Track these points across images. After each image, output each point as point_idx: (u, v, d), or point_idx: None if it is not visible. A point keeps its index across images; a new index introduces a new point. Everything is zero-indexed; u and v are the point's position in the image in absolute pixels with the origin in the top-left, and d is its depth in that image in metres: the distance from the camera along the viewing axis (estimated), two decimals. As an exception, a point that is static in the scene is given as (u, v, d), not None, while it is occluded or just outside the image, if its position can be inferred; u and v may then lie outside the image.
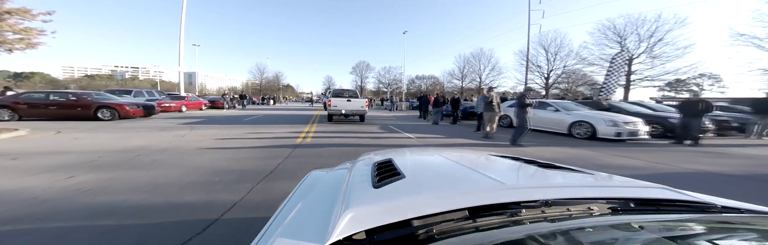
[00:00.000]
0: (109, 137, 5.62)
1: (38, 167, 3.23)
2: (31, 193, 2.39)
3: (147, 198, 2.34)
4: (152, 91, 15.45)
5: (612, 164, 4.06)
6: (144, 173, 3.06)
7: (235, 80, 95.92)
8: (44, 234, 1.72)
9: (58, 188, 2.54)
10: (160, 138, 5.65)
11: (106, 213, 2.01)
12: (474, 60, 35.66)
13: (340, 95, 11.03)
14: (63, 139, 5.32)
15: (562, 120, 7.00)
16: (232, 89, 62.14)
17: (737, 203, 0.74)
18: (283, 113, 15.51)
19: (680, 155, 4.94)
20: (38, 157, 3.75)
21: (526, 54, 26.28)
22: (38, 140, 5.13)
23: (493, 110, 6.39)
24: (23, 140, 5.12)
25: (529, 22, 19.65)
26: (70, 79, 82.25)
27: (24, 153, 3.95)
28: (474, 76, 36.13)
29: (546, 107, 7.46)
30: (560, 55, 24.66)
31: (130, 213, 2.03)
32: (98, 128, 7.22)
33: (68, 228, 1.79)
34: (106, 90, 14.29)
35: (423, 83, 49.80)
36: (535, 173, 0.93)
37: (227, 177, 2.95)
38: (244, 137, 6.19)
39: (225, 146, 4.85)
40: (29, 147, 4.43)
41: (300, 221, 0.64)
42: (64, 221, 1.88)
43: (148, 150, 4.34)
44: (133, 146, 4.64)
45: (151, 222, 1.90)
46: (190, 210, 2.10)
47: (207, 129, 7.37)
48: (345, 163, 1.29)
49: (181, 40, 17.15)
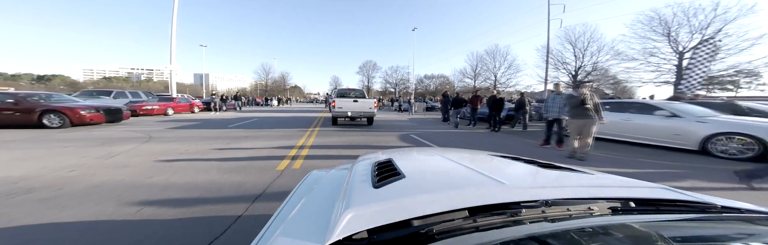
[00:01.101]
0: (6, 158, 3.52)
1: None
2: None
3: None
4: (139, 92, 13.49)
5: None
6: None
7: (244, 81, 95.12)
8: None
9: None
10: (77, 159, 3.61)
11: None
12: (488, 57, 32.95)
13: (346, 95, 9.70)
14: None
15: (686, 130, 4.46)
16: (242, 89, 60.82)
17: (737, 203, 0.71)
18: (283, 116, 13.33)
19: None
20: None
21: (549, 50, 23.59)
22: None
23: (588, 116, 3.93)
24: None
25: (548, 17, 17.04)
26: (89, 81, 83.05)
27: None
28: (488, 74, 33.41)
29: (652, 111, 4.92)
30: (590, 50, 21.76)
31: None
32: (23, 139, 5.11)
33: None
34: (82, 91, 12.37)
35: (432, 82, 47.34)
36: (535, 173, 0.89)
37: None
38: (206, 156, 3.97)
39: (150, 182, 2.66)
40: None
41: (300, 221, 0.63)
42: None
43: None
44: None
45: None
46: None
47: (166, 142, 5.17)
48: (345, 163, 1.26)
49: (173, 38, 15.18)
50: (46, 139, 5.27)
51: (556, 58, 23.27)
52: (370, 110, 8.28)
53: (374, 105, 8.40)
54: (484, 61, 33.43)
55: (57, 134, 5.92)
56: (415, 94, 34.99)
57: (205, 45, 36.92)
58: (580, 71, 22.32)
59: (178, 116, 12.15)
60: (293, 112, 17.61)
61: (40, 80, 73.33)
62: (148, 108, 11.24)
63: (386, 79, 47.48)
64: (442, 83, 45.50)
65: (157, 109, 11.49)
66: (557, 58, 23.25)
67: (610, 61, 20.04)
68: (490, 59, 32.66)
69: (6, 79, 64.21)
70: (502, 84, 31.26)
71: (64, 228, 1.75)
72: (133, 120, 9.57)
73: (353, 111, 8.20)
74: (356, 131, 7.41)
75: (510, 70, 31.09)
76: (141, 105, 11.20)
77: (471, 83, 35.86)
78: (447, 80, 44.60)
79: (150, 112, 11.28)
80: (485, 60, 33.33)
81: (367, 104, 8.30)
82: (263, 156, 4.08)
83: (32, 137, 5.53)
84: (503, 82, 31.45)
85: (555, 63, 23.22)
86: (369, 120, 9.03)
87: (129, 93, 12.89)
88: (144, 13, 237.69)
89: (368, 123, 9.12)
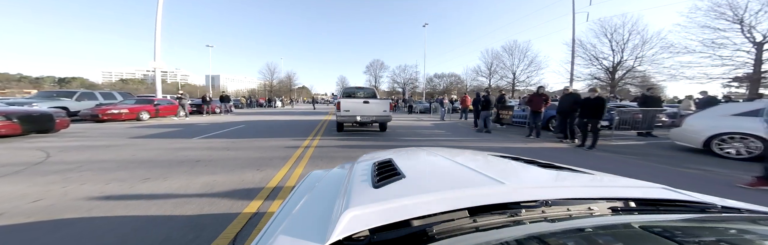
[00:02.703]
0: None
1: None
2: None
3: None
4: (113, 92, 11.26)
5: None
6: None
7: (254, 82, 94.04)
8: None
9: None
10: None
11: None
12: (505, 54, 29.87)
13: (353, 94, 7.99)
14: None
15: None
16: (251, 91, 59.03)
17: (737, 203, 0.69)
18: (280, 119, 10.90)
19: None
20: None
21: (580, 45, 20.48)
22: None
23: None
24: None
25: (573, 10, 14.06)
26: (108, 83, 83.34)
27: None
28: (504, 72, 30.36)
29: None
30: (632, 43, 18.55)
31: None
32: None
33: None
34: (39, 92, 10.19)
35: (442, 81, 44.39)
36: (535, 173, 0.86)
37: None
38: (87, 213, 1.43)
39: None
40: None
41: (300, 220, 0.61)
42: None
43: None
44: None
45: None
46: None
47: (43, 174, 2.76)
48: (345, 163, 1.21)
49: (157, 34, 12.91)
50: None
51: (589, 53, 20.16)
52: (384, 114, 6.57)
53: (390, 107, 6.68)
54: (501, 58, 30.41)
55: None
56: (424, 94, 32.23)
57: (211, 45, 35.23)
58: (619, 67, 19.14)
59: (154, 121, 9.81)
60: (295, 114, 15.16)
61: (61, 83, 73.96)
62: (114, 112, 8.92)
63: (394, 78, 44.82)
64: (452, 82, 42.60)
65: (126, 113, 9.17)
66: (590, 53, 20.13)
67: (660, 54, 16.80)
68: (508, 56, 29.61)
69: (31, 82, 64.63)
70: (521, 82, 28.20)
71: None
72: (81, 128, 7.22)
73: (363, 115, 6.46)
74: (368, 143, 4.81)
75: (531, 67, 27.99)
76: (104, 109, 8.90)
77: (485, 82, 32.92)
78: (458, 78, 41.66)
79: (116, 117, 8.97)
80: (501, 57, 30.31)
81: (381, 105, 6.54)
82: (203, 214, 1.56)
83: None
84: (523, 80, 28.40)
85: (589, 58, 20.12)
86: (382, 126, 7.19)
87: (100, 94, 10.66)
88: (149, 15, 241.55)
89: (381, 129, 7.27)
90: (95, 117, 8.72)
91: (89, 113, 8.76)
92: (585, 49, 20.31)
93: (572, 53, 14.95)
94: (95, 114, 8.70)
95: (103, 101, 10.41)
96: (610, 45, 19.46)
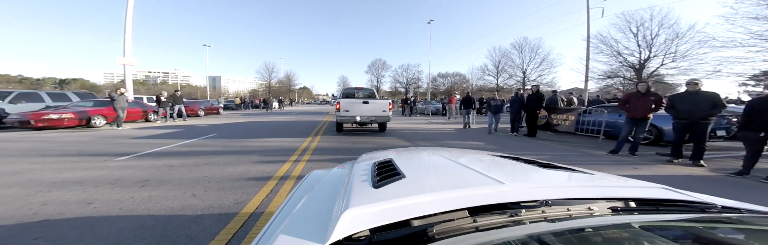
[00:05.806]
0: None
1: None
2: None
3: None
4: (66, 93, 9.08)
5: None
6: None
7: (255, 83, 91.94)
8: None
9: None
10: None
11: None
12: (515, 51, 27.68)
13: (353, 95, 7.95)
14: None
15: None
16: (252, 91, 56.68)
17: (737, 203, 0.67)
18: (274, 120, 8.77)
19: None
20: None
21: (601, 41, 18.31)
22: None
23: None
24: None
25: (588, 5, 11.88)
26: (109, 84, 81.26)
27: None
28: (513, 71, 28.17)
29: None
30: (662, 38, 16.37)
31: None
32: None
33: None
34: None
35: (446, 81, 42.25)
36: (535, 173, 0.84)
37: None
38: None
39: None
40: None
41: (301, 220, 0.59)
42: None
43: None
44: None
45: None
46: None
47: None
48: (346, 163, 1.18)
49: (127, 23, 10.77)
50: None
51: (612, 49, 17.99)
52: (383, 114, 6.53)
53: (389, 107, 6.55)
54: (509, 56, 28.22)
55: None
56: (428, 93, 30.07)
57: (209, 45, 33.22)
58: (646, 64, 16.97)
59: (105, 131, 7.66)
60: (292, 115, 12.99)
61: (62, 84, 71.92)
62: (53, 118, 6.76)
63: (396, 78, 42.64)
64: (456, 82, 40.48)
65: (69, 118, 7.01)
66: (614, 49, 17.96)
67: (697, 49, 14.60)
68: (518, 54, 27.42)
69: (32, 83, 62.47)
70: (532, 81, 26.02)
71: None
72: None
73: (363, 115, 6.41)
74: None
75: (542, 65, 25.79)
76: (40, 114, 6.74)
77: (492, 81, 30.74)
78: (463, 78, 39.51)
79: (56, 123, 6.82)
80: (511, 55, 28.13)
81: (380, 105, 6.47)
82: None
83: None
84: (534, 79, 26.22)
85: (613, 54, 17.95)
86: (381, 126, 7.12)
87: (46, 95, 8.48)
88: (153, 15, 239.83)
89: (380, 130, 7.20)
90: (26, 124, 6.58)
91: (17, 119, 6.62)
92: (607, 44, 18.16)
93: (587, 50, 12.77)
94: (25, 120, 6.56)
95: (51, 104, 8.26)
96: (635, 40, 17.30)
